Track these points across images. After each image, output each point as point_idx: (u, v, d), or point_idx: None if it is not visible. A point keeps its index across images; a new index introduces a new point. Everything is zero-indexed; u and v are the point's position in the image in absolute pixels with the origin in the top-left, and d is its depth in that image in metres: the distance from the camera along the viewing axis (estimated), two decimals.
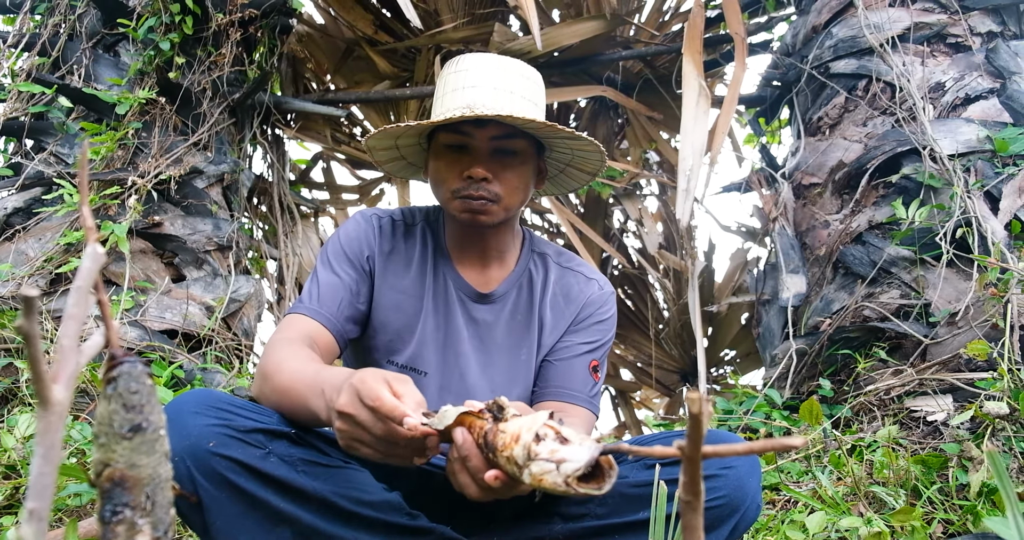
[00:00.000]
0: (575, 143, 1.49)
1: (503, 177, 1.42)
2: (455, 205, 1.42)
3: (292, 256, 4.31)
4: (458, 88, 1.45)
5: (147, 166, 3.15)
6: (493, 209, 1.42)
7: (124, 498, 0.48)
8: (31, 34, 3.44)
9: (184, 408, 1.11)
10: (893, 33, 3.28)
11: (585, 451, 0.83)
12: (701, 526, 0.44)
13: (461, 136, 1.41)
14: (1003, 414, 2.04)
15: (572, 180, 1.66)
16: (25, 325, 0.41)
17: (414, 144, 1.56)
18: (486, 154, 1.41)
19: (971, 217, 2.67)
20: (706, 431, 0.42)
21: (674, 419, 4.75)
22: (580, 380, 1.50)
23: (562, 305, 1.56)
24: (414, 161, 1.63)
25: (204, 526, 1.10)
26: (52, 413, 0.43)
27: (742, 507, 1.22)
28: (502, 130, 1.41)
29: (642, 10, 4.75)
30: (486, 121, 1.39)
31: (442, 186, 1.44)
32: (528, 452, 0.85)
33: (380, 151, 1.57)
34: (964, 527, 1.78)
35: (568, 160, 1.59)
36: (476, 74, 1.45)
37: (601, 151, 1.51)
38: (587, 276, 1.60)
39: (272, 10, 3.76)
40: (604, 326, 1.57)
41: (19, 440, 1.98)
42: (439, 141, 1.45)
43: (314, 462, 1.17)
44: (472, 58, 1.48)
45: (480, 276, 1.55)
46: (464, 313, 1.51)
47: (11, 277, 2.76)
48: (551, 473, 0.83)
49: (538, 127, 1.39)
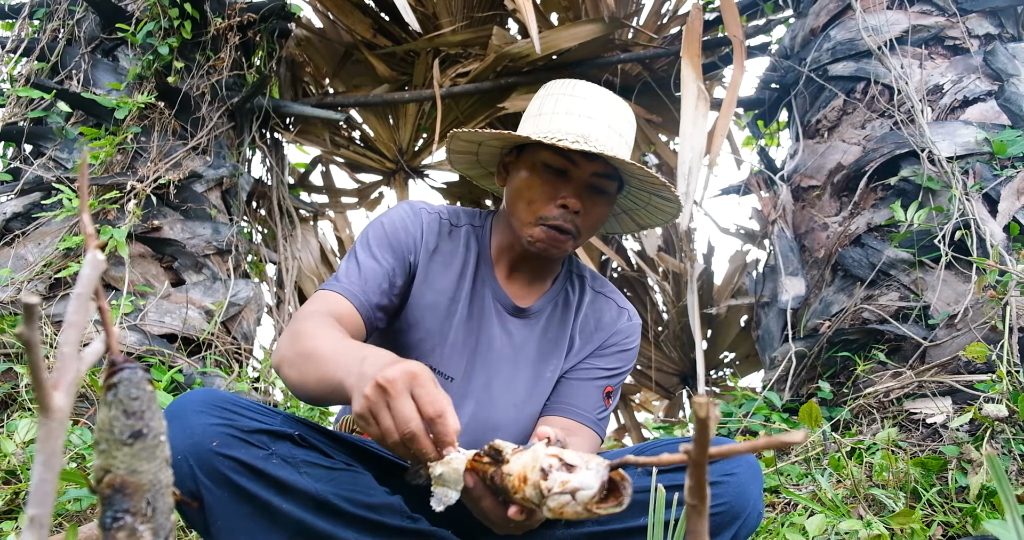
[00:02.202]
0: (659, 201, 1.53)
1: (590, 213, 1.44)
2: (535, 232, 1.42)
3: (291, 260, 4.31)
4: (572, 113, 1.44)
5: (146, 170, 3.15)
6: (569, 245, 1.44)
7: (125, 504, 0.48)
8: (30, 39, 3.45)
9: (188, 407, 1.11)
10: (891, 36, 3.29)
11: (595, 475, 0.84)
12: (706, 531, 0.44)
13: (566, 161, 1.41)
14: (1002, 416, 2.04)
15: (620, 224, 1.70)
16: (26, 332, 0.41)
17: (496, 146, 1.55)
18: (583, 187, 1.42)
19: (970, 219, 2.67)
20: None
21: (674, 421, 4.75)
22: (592, 402, 1.50)
23: (592, 330, 1.57)
24: (485, 163, 1.62)
25: (205, 525, 1.10)
26: (53, 420, 0.43)
27: (743, 514, 1.22)
28: (605, 168, 1.42)
29: (640, 13, 4.76)
30: (595, 156, 1.39)
31: (530, 207, 1.43)
32: (540, 490, 0.85)
33: (462, 141, 1.54)
34: (964, 530, 1.78)
35: (629, 208, 1.63)
36: (592, 106, 1.45)
37: (676, 215, 1.55)
38: (619, 305, 1.62)
39: (271, 14, 3.76)
40: (626, 356, 1.58)
41: (19, 445, 1.98)
42: (539, 157, 1.43)
43: (316, 464, 1.17)
44: (588, 87, 1.49)
45: (520, 290, 1.55)
46: (499, 324, 1.51)
47: (10, 282, 2.75)
48: (569, 504, 0.84)
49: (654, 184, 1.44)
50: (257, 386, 3.26)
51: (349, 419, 1.53)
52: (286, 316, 4.20)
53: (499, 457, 0.93)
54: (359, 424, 0.98)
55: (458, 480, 0.97)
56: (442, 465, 0.98)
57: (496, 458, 0.94)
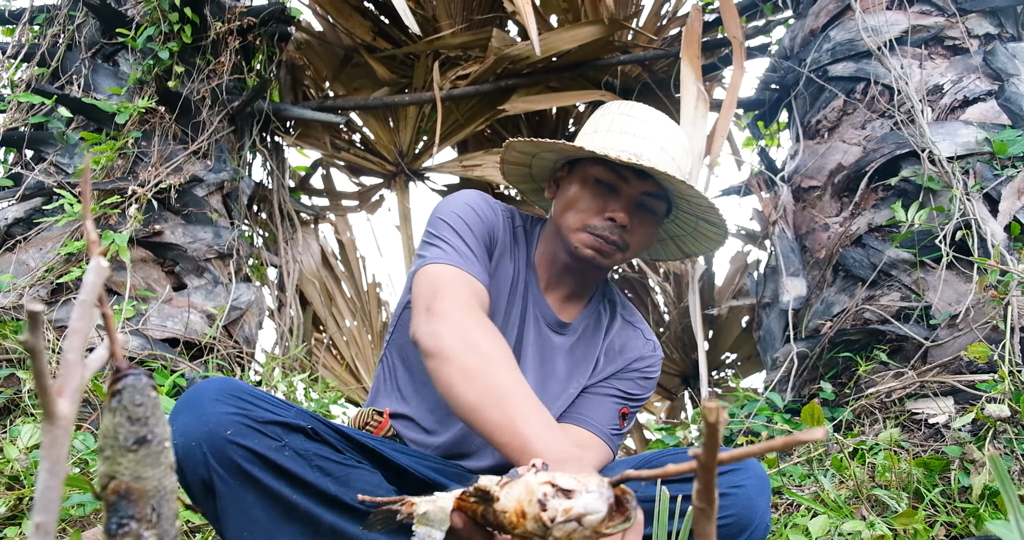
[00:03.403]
0: (706, 227, 1.54)
1: (638, 231, 1.45)
2: (582, 238, 1.43)
3: (293, 263, 4.31)
4: (627, 132, 1.46)
5: (147, 175, 3.15)
6: (617, 256, 1.45)
7: (130, 510, 0.48)
8: (30, 45, 3.45)
9: (204, 395, 1.12)
10: (891, 36, 3.29)
11: (599, 497, 0.81)
12: (715, 534, 0.44)
13: (617, 178, 1.43)
14: (1004, 416, 2.04)
15: (664, 250, 1.70)
16: (30, 339, 0.42)
17: (550, 160, 1.56)
18: (633, 204, 1.44)
19: (970, 219, 2.67)
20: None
21: (675, 423, 4.75)
22: (608, 417, 1.51)
23: (616, 355, 1.58)
24: (536, 175, 1.63)
25: (216, 513, 1.11)
26: (57, 427, 0.43)
27: (750, 527, 1.23)
28: (655, 188, 1.44)
29: (640, 14, 4.76)
30: (645, 174, 1.41)
31: (578, 216, 1.44)
32: (542, 522, 0.82)
33: (516, 152, 1.56)
34: (967, 530, 1.78)
35: (676, 234, 1.64)
36: (648, 127, 1.46)
37: (722, 243, 1.56)
38: (646, 337, 1.63)
39: (270, 18, 3.77)
40: (647, 383, 1.59)
41: (22, 451, 1.98)
42: (590, 171, 1.45)
43: (328, 458, 1.19)
44: (645, 109, 1.50)
45: (559, 303, 1.56)
46: (536, 334, 1.52)
47: (12, 287, 2.76)
48: (577, 530, 0.81)
49: (702, 206, 1.45)
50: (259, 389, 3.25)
51: (367, 412, 1.50)
52: (287, 319, 4.20)
53: (488, 496, 0.89)
54: None
55: (444, 520, 0.93)
56: (427, 503, 0.94)
57: (484, 498, 0.90)
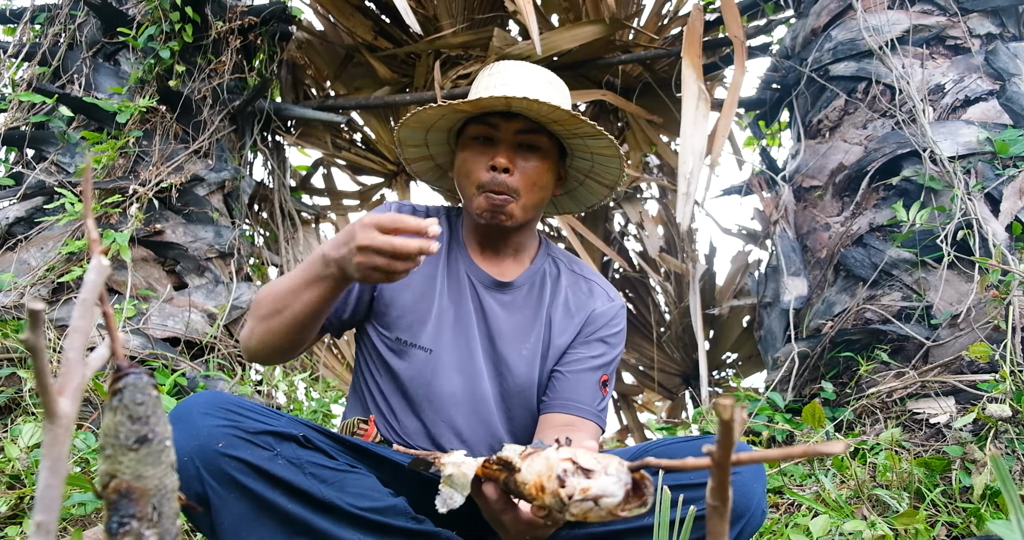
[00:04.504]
0: (596, 146, 1.53)
1: (524, 170, 1.47)
2: (479, 202, 1.46)
3: (294, 262, 4.31)
4: (490, 87, 1.51)
5: (148, 174, 3.15)
6: (513, 209, 1.46)
7: (131, 509, 0.48)
8: (31, 44, 3.45)
9: (194, 409, 1.12)
10: (892, 35, 3.28)
11: (616, 481, 0.84)
12: (727, 532, 0.44)
13: (488, 127, 1.47)
14: (1006, 416, 2.03)
15: (591, 194, 1.70)
16: (31, 338, 0.42)
17: (442, 142, 1.61)
18: (511, 146, 1.47)
19: (972, 219, 2.67)
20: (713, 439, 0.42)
21: (676, 422, 4.75)
22: (589, 394, 1.51)
23: (572, 310, 1.58)
24: (442, 163, 1.68)
25: (211, 526, 1.11)
26: (59, 426, 0.43)
27: (747, 514, 1.22)
28: (527, 125, 1.47)
29: (641, 14, 4.76)
30: (513, 115, 1.45)
31: (469, 179, 1.49)
32: (560, 498, 0.85)
33: (410, 148, 1.61)
34: (968, 530, 1.78)
35: (588, 169, 1.63)
36: (509, 75, 1.52)
37: (620, 157, 1.55)
38: (600, 286, 1.63)
39: (271, 17, 3.77)
40: (614, 340, 1.59)
41: (23, 450, 1.98)
42: (467, 134, 1.51)
43: (321, 465, 1.18)
44: (506, 64, 1.56)
45: (495, 268, 1.58)
46: (474, 299, 1.54)
47: (13, 287, 2.76)
48: (593, 510, 0.84)
49: (562, 116, 1.44)
50: (260, 389, 3.26)
51: (352, 422, 1.54)
52: None
53: (510, 467, 0.94)
54: (367, 281, 1.17)
55: (465, 485, 0.99)
56: (453, 466, 1.00)
57: (507, 468, 0.94)
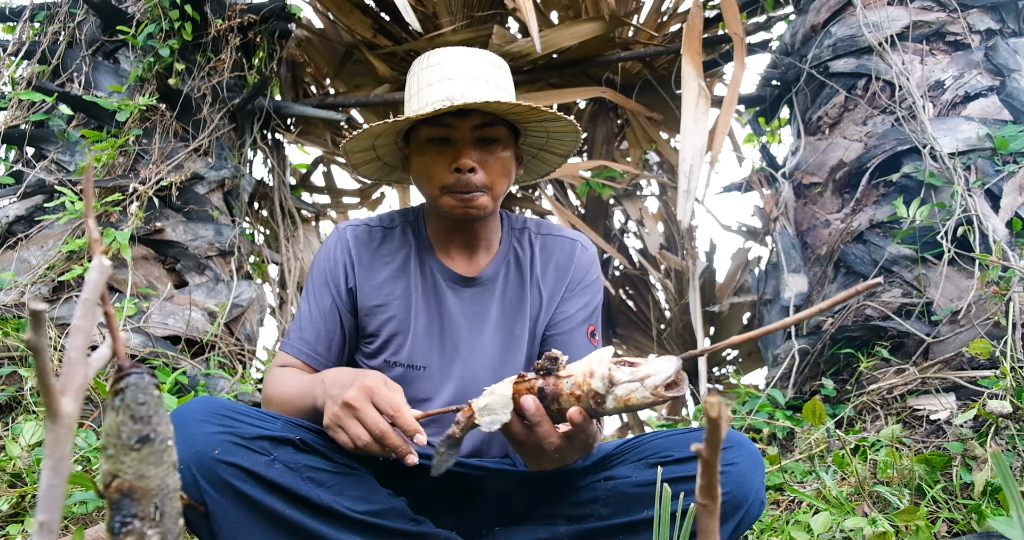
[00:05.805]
0: (551, 125, 1.51)
1: (489, 165, 1.45)
2: (446, 201, 1.44)
3: (294, 260, 4.31)
4: (434, 82, 1.46)
5: (148, 172, 3.15)
6: (483, 201, 1.44)
7: (133, 509, 0.48)
8: (31, 42, 3.45)
9: (189, 416, 1.12)
10: (892, 32, 3.28)
11: (667, 360, 0.92)
12: (717, 530, 0.44)
13: (444, 129, 1.42)
14: (1006, 413, 2.04)
15: (544, 164, 1.68)
16: (33, 338, 0.42)
17: (390, 143, 1.56)
18: (470, 144, 1.43)
19: (972, 215, 2.67)
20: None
21: (676, 419, 4.75)
22: (583, 351, 1.51)
23: (554, 274, 1.58)
24: (390, 161, 1.64)
25: (210, 533, 1.10)
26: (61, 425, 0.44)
27: (745, 504, 1.22)
28: (483, 119, 1.43)
29: (640, 11, 4.75)
30: (468, 111, 1.41)
31: (430, 181, 1.45)
32: (610, 380, 0.94)
33: (357, 154, 1.57)
34: (968, 526, 1.78)
35: (542, 144, 1.61)
36: (450, 67, 1.46)
37: (576, 130, 1.53)
38: (570, 238, 1.62)
39: (271, 15, 3.76)
40: (594, 287, 1.60)
41: (24, 448, 1.98)
42: (421, 136, 1.46)
43: (319, 469, 1.18)
44: (442, 52, 1.50)
45: (468, 263, 1.56)
46: (455, 299, 1.53)
47: (14, 285, 2.76)
48: (637, 390, 0.92)
49: (522, 111, 1.41)
50: (260, 387, 3.26)
51: None
52: (288, 317, 4.21)
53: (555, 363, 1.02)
54: (329, 433, 1.17)
55: (507, 404, 1.04)
56: (485, 397, 1.05)
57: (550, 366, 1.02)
